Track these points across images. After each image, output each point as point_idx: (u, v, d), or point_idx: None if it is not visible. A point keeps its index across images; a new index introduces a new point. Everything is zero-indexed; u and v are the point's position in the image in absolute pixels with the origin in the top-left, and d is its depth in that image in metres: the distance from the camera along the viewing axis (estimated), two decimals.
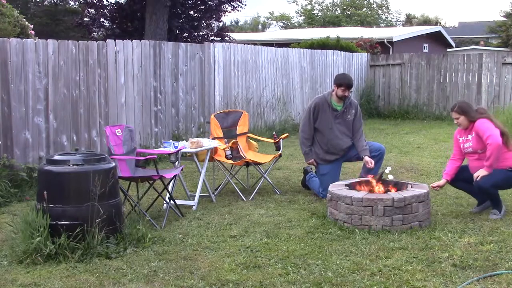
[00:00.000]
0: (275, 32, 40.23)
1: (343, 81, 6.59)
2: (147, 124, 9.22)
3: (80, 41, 8.08)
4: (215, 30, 19.59)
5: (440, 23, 56.60)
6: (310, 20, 51.68)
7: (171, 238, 5.14)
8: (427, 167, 8.51)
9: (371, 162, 6.43)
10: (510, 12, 36.85)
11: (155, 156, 5.97)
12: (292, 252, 4.74)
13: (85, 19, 18.46)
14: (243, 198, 6.63)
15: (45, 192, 4.58)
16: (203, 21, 19.12)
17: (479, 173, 5.61)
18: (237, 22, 60.02)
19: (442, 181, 5.90)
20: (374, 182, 5.77)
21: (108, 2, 18.33)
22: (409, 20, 57.54)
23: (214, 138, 6.94)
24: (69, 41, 7.92)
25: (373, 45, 20.01)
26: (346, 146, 6.68)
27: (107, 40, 8.56)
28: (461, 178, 5.91)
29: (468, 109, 5.78)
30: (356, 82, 15.76)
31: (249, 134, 7.47)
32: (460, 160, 5.95)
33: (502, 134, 5.64)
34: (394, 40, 23.63)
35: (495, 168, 5.59)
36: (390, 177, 5.83)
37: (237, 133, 7.26)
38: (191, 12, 18.78)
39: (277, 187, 7.10)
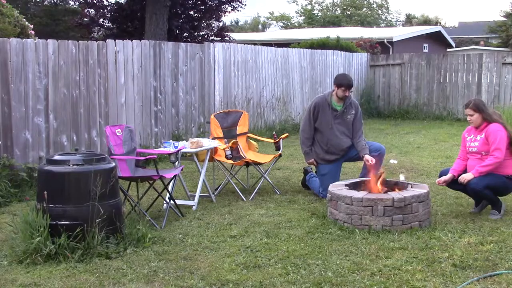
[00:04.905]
0: (275, 32, 40.24)
1: (343, 82, 6.59)
2: (147, 124, 9.22)
3: (80, 41, 8.07)
4: (215, 30, 19.57)
5: (440, 23, 56.57)
6: (310, 20, 51.71)
7: (171, 238, 5.14)
8: (427, 167, 8.51)
9: (371, 160, 6.43)
10: (510, 12, 36.78)
11: (155, 156, 5.97)
12: (292, 252, 4.74)
13: (85, 19, 18.44)
14: (243, 198, 6.63)
15: (45, 192, 4.58)
16: (203, 21, 19.10)
17: (466, 177, 5.62)
18: (237, 22, 60.02)
19: (448, 176, 5.83)
20: (374, 180, 5.78)
21: (108, 2, 18.32)
22: (409, 20, 57.52)
23: (214, 138, 6.94)
24: (69, 41, 7.92)
25: (373, 45, 20.03)
26: (346, 146, 6.68)
27: (107, 40, 8.56)
28: (457, 180, 5.89)
29: (483, 108, 5.75)
30: (356, 82, 15.76)
31: (249, 134, 7.47)
32: (467, 160, 5.92)
33: (510, 143, 5.64)
34: (394, 40, 23.64)
35: (493, 173, 5.59)
36: (402, 178, 5.91)
37: (237, 133, 7.26)
38: (191, 12, 18.76)
39: (277, 187, 7.10)
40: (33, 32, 9.48)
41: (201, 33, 18.85)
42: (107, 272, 4.33)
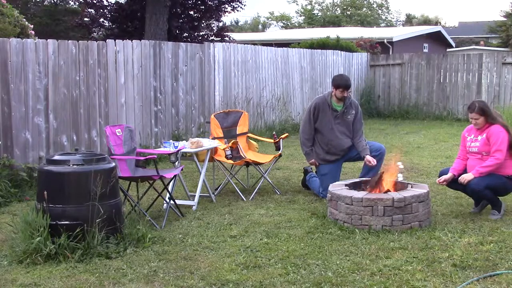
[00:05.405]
0: (275, 32, 40.24)
1: (341, 83, 6.58)
2: (147, 124, 9.22)
3: (80, 41, 8.08)
4: (215, 30, 19.58)
5: (440, 23, 56.57)
6: (310, 20, 51.71)
7: (171, 238, 5.14)
8: (427, 167, 8.51)
9: (372, 161, 6.43)
10: (510, 12, 36.76)
11: (155, 156, 5.97)
12: (292, 252, 4.74)
13: (85, 19, 18.44)
14: (243, 198, 6.63)
15: (45, 192, 4.58)
16: (203, 21, 19.10)
17: (466, 177, 5.61)
18: (237, 22, 59.99)
19: (448, 175, 5.81)
20: (374, 182, 5.78)
21: (108, 2, 18.32)
22: (409, 20, 57.53)
23: (214, 138, 6.94)
24: (69, 41, 7.92)
25: (373, 45, 20.03)
26: (347, 146, 6.68)
27: (107, 40, 8.56)
28: (457, 179, 5.88)
29: (489, 111, 5.72)
30: (356, 82, 15.77)
31: (249, 134, 7.47)
32: (467, 160, 5.91)
33: (511, 145, 5.64)
34: (394, 40, 23.64)
35: (493, 173, 5.59)
36: (400, 177, 5.91)
37: (237, 133, 7.26)
38: (191, 12, 18.76)
39: (277, 187, 7.10)
40: (33, 32, 9.47)
41: (201, 33, 18.86)
42: (107, 272, 4.33)
